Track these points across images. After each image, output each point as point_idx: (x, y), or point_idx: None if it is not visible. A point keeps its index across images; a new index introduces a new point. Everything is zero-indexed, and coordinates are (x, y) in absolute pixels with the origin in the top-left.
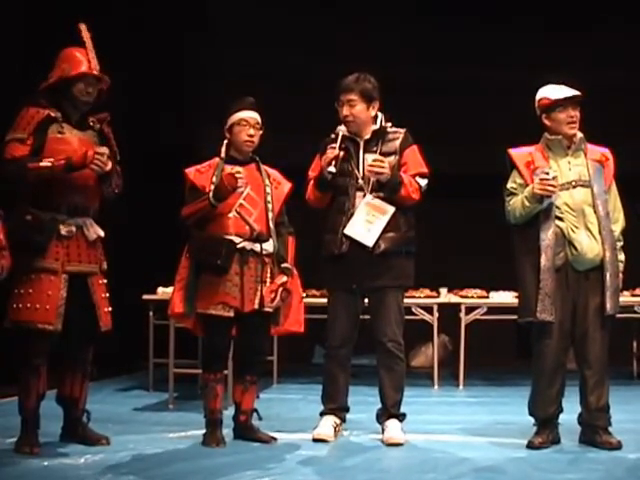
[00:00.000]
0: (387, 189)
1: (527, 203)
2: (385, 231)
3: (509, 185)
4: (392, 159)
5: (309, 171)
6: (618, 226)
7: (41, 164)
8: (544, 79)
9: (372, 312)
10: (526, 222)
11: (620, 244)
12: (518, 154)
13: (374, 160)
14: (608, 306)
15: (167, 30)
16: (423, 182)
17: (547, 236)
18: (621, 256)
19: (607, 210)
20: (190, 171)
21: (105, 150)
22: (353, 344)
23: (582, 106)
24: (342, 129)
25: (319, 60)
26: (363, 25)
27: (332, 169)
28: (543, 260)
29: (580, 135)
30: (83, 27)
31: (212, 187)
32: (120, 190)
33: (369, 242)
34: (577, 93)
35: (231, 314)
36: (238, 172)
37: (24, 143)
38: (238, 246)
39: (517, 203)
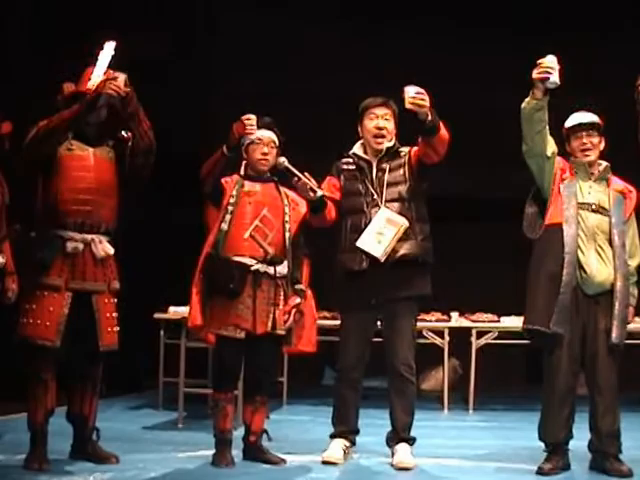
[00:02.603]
0: (427, 127)
1: (522, 105)
2: (401, 240)
3: None
4: (401, 172)
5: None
6: (635, 261)
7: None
8: (563, 102)
9: (386, 331)
10: (547, 231)
11: (634, 279)
12: (559, 158)
13: (417, 92)
14: (614, 335)
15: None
16: None
17: (571, 249)
18: (634, 291)
19: (623, 241)
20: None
21: (119, 74)
22: (365, 366)
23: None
24: (282, 160)
25: (333, 79)
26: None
27: (320, 193)
28: (565, 274)
29: (605, 164)
30: (108, 44)
31: (232, 196)
32: (153, 148)
33: (379, 254)
34: (589, 120)
35: (242, 336)
36: (248, 119)
37: None
38: (252, 269)
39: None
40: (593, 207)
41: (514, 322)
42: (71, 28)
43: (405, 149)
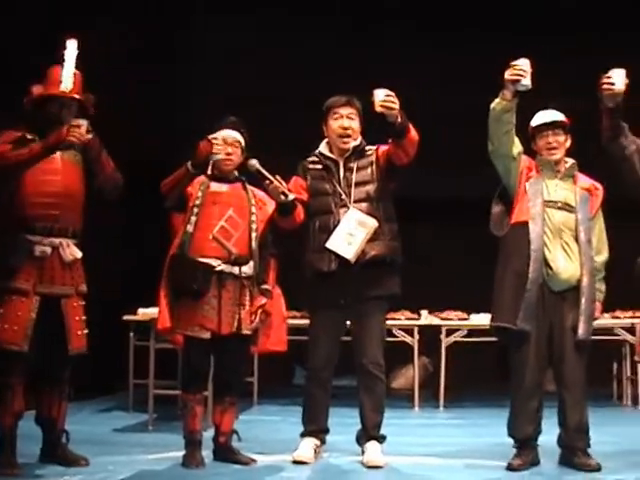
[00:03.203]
0: (398, 129)
1: (492, 105)
2: (370, 240)
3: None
4: (369, 171)
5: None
6: (601, 257)
7: (20, 151)
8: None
9: (355, 330)
10: (513, 228)
11: (601, 275)
12: (524, 157)
13: (386, 95)
14: (580, 331)
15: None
16: None
17: (538, 246)
18: (602, 287)
19: (589, 237)
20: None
21: (82, 122)
22: (334, 366)
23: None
24: (253, 162)
25: (303, 80)
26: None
27: (291, 196)
28: (531, 271)
29: (571, 162)
30: (70, 42)
31: (198, 197)
32: (119, 184)
33: (349, 255)
34: (555, 119)
35: (207, 336)
36: (215, 138)
37: None
38: (217, 269)
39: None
40: (559, 204)
41: (483, 319)
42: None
43: (372, 147)
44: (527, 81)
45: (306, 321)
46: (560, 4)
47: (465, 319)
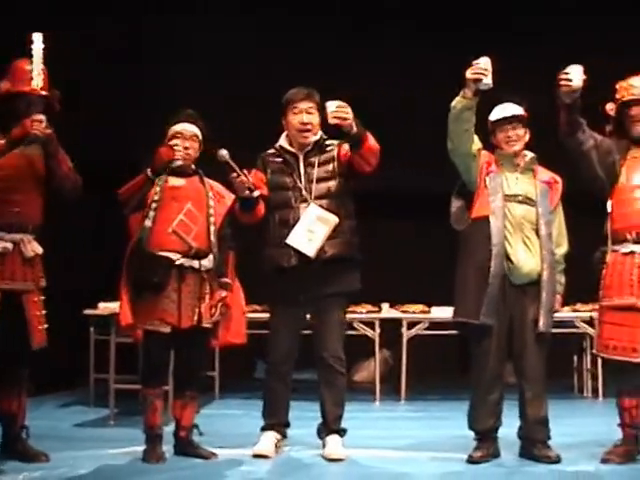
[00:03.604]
0: (353, 139)
1: (452, 104)
2: (330, 237)
3: None
4: (330, 167)
5: None
6: (561, 250)
7: None
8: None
9: (315, 325)
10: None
11: (562, 267)
12: (483, 151)
13: (338, 107)
14: (541, 323)
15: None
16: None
17: (499, 240)
18: (562, 279)
19: (550, 231)
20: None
21: (41, 117)
22: (294, 360)
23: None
24: (224, 153)
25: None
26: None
27: (256, 193)
28: (493, 265)
29: (531, 155)
30: (36, 37)
31: (156, 192)
32: (78, 185)
33: (310, 252)
34: (514, 113)
35: (167, 330)
36: (176, 145)
37: None
38: (176, 263)
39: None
40: (519, 198)
41: (444, 312)
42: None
43: (333, 142)
44: (488, 80)
45: (267, 315)
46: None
47: (426, 312)
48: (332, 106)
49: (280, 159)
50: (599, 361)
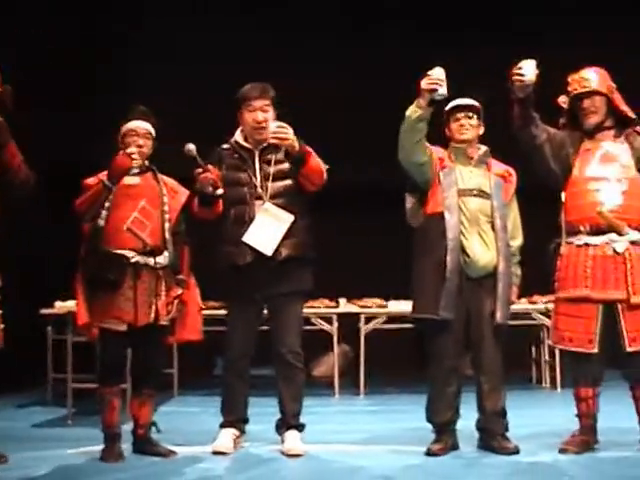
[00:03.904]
0: (295, 158)
1: (407, 113)
2: (285, 237)
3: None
4: (286, 165)
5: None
6: (516, 242)
7: None
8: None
9: (272, 322)
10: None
11: (517, 259)
12: (435, 148)
13: (278, 127)
14: (498, 315)
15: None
16: (325, 167)
17: (454, 235)
18: (517, 271)
19: (505, 223)
20: (89, 180)
21: None
22: (251, 356)
23: (489, 118)
24: (191, 148)
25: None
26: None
27: (220, 191)
28: (449, 260)
29: (484, 148)
30: None
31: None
32: (29, 181)
33: (268, 250)
34: (468, 102)
35: (124, 328)
36: (133, 153)
37: None
38: (131, 260)
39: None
40: (474, 192)
41: (402, 306)
42: None
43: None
44: (443, 90)
45: (225, 312)
46: None
47: (383, 306)
48: (272, 126)
49: (235, 155)
50: (556, 352)
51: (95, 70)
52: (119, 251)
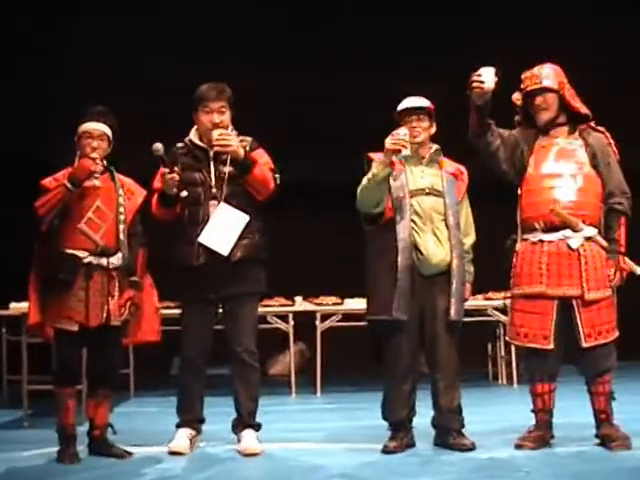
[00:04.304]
0: (239, 166)
1: (374, 171)
2: (239, 238)
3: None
4: None
5: (153, 182)
6: (469, 239)
7: None
8: (401, 89)
9: (227, 321)
10: (383, 224)
11: (470, 256)
12: (378, 156)
13: (220, 134)
14: (452, 312)
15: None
16: (276, 175)
17: (405, 236)
18: (470, 268)
19: (457, 221)
20: (47, 181)
21: None
22: (208, 355)
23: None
24: (159, 147)
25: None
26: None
27: (184, 193)
28: (400, 260)
29: (436, 147)
30: None
31: None
32: None
33: (224, 251)
34: (419, 104)
35: (75, 328)
36: (96, 158)
37: None
38: (84, 261)
39: (364, 180)
40: (427, 191)
41: (358, 304)
42: None
43: (247, 139)
44: (407, 152)
45: (180, 311)
46: None
47: (339, 304)
48: (215, 134)
49: (190, 154)
50: (513, 348)
51: (47, 69)
52: (72, 251)
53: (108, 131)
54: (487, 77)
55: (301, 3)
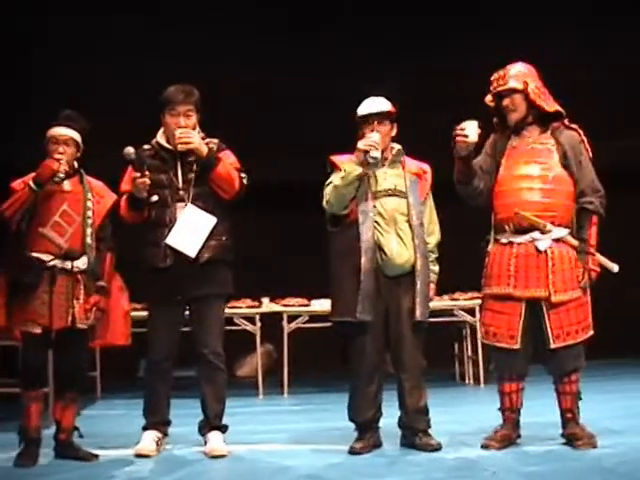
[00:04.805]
0: (203, 163)
1: (347, 170)
2: (206, 240)
3: (329, 180)
4: None
5: (121, 184)
6: (433, 238)
7: None
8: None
9: (194, 323)
10: (345, 224)
11: (434, 256)
12: (340, 159)
13: (181, 132)
14: (417, 312)
15: None
16: (243, 175)
17: (367, 238)
18: (435, 267)
19: (421, 220)
20: (16, 183)
21: None
22: (174, 357)
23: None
24: (130, 152)
25: (146, 72)
26: (187, 34)
27: (154, 198)
28: (364, 261)
29: (397, 147)
30: None
31: None
32: None
33: (192, 252)
34: (380, 109)
35: (38, 331)
36: (60, 158)
37: None
38: (48, 264)
39: (333, 183)
40: (390, 192)
41: (324, 305)
42: None
43: (213, 141)
44: (377, 154)
45: (148, 313)
46: None
47: (306, 305)
48: (177, 132)
49: (157, 156)
50: (479, 348)
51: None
52: (36, 255)
53: (75, 135)
54: (471, 131)
55: (301, 3)
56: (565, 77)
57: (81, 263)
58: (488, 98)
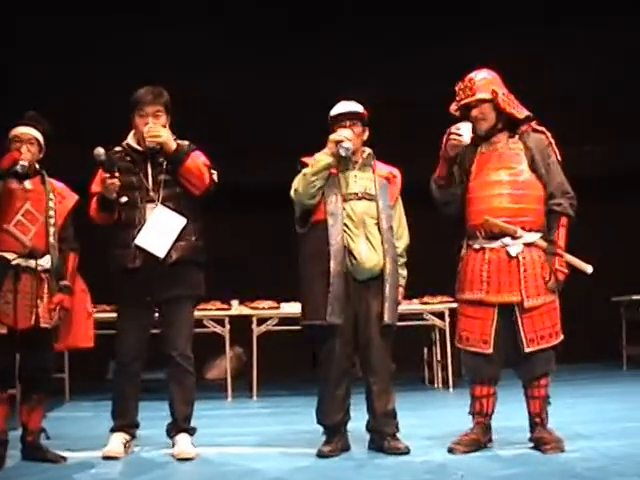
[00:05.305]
0: (171, 158)
1: (316, 158)
2: (176, 240)
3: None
4: None
5: (92, 185)
6: (402, 242)
7: None
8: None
9: (163, 325)
10: (313, 226)
11: (403, 260)
12: (311, 158)
13: (149, 128)
14: (386, 316)
15: None
16: (213, 171)
17: (337, 241)
18: (404, 272)
19: (390, 224)
20: None
21: None
22: (143, 359)
23: (375, 122)
24: (100, 153)
25: (116, 73)
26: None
27: (124, 199)
28: (333, 264)
29: (369, 151)
30: None
31: None
32: None
33: (161, 253)
34: (352, 110)
35: (4, 331)
36: (21, 152)
37: None
38: (12, 263)
39: (302, 172)
40: (359, 195)
41: (294, 308)
42: None
43: (184, 143)
44: (348, 144)
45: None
46: None
47: (276, 308)
48: (145, 128)
49: (127, 157)
50: (449, 353)
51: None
52: (0, 253)
53: (38, 135)
54: (465, 132)
55: (301, 3)
56: (565, 77)
57: (45, 262)
58: (453, 107)
